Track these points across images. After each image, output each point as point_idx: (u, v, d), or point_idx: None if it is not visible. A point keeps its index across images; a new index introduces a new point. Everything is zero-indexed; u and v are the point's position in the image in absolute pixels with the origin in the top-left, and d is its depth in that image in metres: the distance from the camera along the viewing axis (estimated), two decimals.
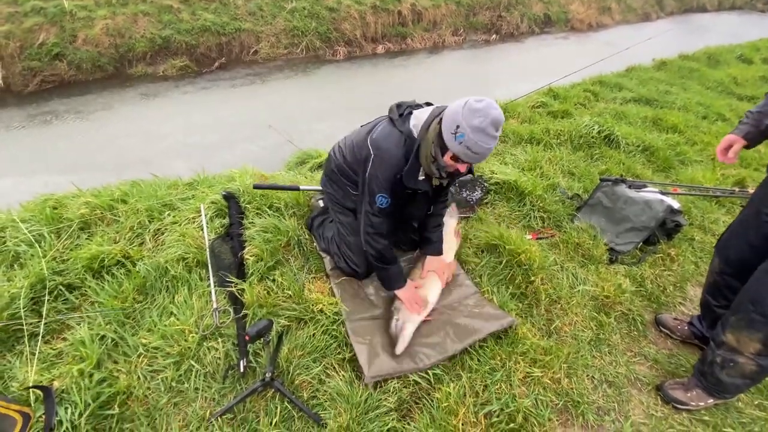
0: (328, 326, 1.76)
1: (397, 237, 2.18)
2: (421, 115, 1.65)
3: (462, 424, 1.46)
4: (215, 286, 1.87)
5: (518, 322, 1.85)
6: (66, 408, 1.39)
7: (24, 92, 6.04)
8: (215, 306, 1.78)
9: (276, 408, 1.49)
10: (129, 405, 1.48)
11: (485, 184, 2.74)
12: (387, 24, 9.15)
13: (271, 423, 1.45)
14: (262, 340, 1.53)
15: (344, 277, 1.99)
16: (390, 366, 1.62)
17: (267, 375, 1.48)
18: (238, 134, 5.08)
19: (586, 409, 1.62)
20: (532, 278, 2.05)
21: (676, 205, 2.43)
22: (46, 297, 1.75)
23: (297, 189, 2.31)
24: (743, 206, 1.87)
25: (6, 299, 1.71)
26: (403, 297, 1.84)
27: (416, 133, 1.63)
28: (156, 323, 1.72)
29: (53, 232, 2.08)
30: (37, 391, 1.42)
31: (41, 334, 1.63)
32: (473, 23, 10.62)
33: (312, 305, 1.82)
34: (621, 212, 2.49)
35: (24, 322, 1.64)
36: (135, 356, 1.60)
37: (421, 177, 1.71)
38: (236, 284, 1.87)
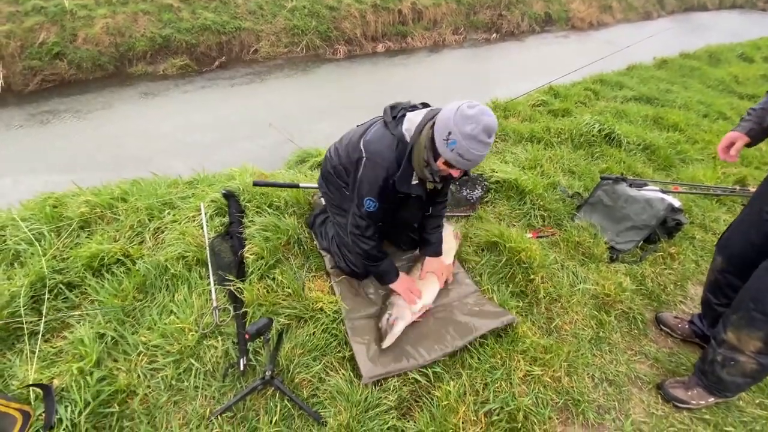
0: (328, 325, 1.76)
1: (397, 237, 2.18)
2: (415, 118, 1.62)
3: (462, 423, 1.46)
4: (215, 285, 1.87)
5: (518, 320, 1.84)
6: (66, 406, 1.39)
7: (24, 91, 6.04)
8: (215, 304, 1.79)
9: (276, 406, 1.49)
10: (129, 403, 1.48)
11: (485, 183, 2.74)
12: (387, 23, 9.14)
13: (271, 421, 1.45)
14: (262, 339, 1.53)
15: (344, 276, 1.99)
16: (389, 365, 1.61)
17: (267, 373, 1.48)
18: (238, 133, 5.07)
19: (587, 408, 1.62)
20: (533, 277, 2.05)
21: (677, 204, 2.42)
22: (46, 295, 1.75)
23: (296, 186, 2.32)
24: (744, 205, 1.87)
25: (6, 298, 1.71)
26: (399, 289, 1.84)
27: (408, 137, 1.60)
28: (156, 321, 1.72)
29: (53, 231, 2.08)
30: (37, 390, 1.42)
31: (41, 333, 1.63)
32: (474, 22, 10.60)
33: (312, 304, 1.82)
34: (622, 211, 2.48)
35: (24, 321, 1.64)
36: (135, 354, 1.60)
37: (415, 181, 1.68)
38: (236, 283, 1.87)
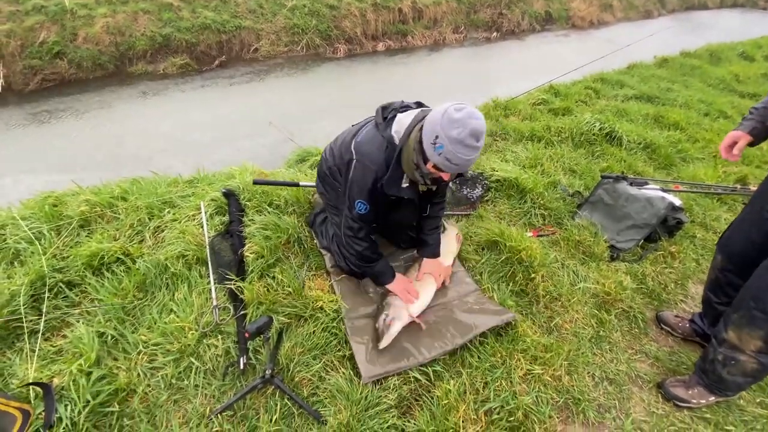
0: (328, 323, 1.76)
1: (395, 236, 2.17)
2: (404, 120, 1.58)
3: (462, 421, 1.46)
4: (215, 284, 1.87)
5: (519, 318, 1.84)
6: (66, 405, 1.39)
7: (25, 91, 6.04)
8: (215, 303, 1.78)
9: (276, 405, 1.49)
10: (129, 402, 1.48)
11: (486, 182, 2.74)
12: (387, 21, 9.13)
13: (271, 420, 1.45)
14: (262, 337, 1.52)
15: (344, 275, 1.98)
16: (388, 365, 1.61)
17: (267, 372, 1.48)
18: (238, 132, 5.07)
19: (587, 407, 1.61)
20: (533, 275, 2.05)
21: (678, 203, 2.42)
22: (46, 294, 1.75)
23: (296, 185, 2.31)
24: (745, 203, 1.86)
25: (6, 296, 1.71)
26: (395, 290, 1.83)
27: (398, 139, 1.57)
28: (156, 320, 1.72)
29: (53, 230, 2.08)
30: (37, 388, 1.42)
31: (41, 331, 1.63)
32: (474, 21, 10.59)
33: (312, 302, 1.81)
34: (622, 209, 2.48)
35: (24, 319, 1.64)
36: (135, 353, 1.60)
37: (405, 184, 1.65)
38: (236, 281, 1.87)
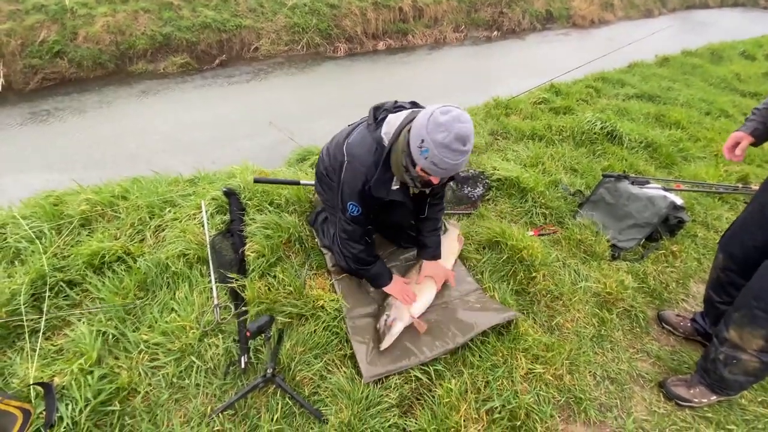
0: (329, 322, 1.76)
1: (395, 235, 2.17)
2: (394, 121, 1.55)
3: (464, 420, 1.46)
4: (216, 283, 1.86)
5: (520, 317, 1.84)
6: (67, 404, 1.39)
7: (25, 90, 6.03)
8: (216, 302, 1.78)
9: (277, 404, 1.48)
10: (130, 401, 1.48)
11: (487, 181, 2.74)
12: (388, 20, 9.12)
13: (273, 419, 1.45)
14: (263, 336, 1.52)
15: (345, 274, 1.98)
16: (389, 364, 1.61)
17: (268, 371, 1.48)
18: (239, 131, 5.06)
19: (589, 406, 1.61)
20: (534, 275, 2.04)
21: (679, 202, 2.42)
22: (47, 293, 1.75)
23: (297, 183, 2.31)
24: (747, 203, 1.86)
25: (7, 295, 1.71)
26: (393, 292, 1.83)
27: (387, 141, 1.54)
28: (157, 319, 1.71)
29: (54, 229, 2.08)
30: (38, 388, 1.41)
31: (42, 331, 1.63)
32: (474, 20, 10.57)
33: (313, 301, 1.81)
34: (624, 208, 2.48)
35: (24, 319, 1.64)
36: (136, 352, 1.60)
37: (395, 186, 1.61)
38: (237, 280, 1.86)
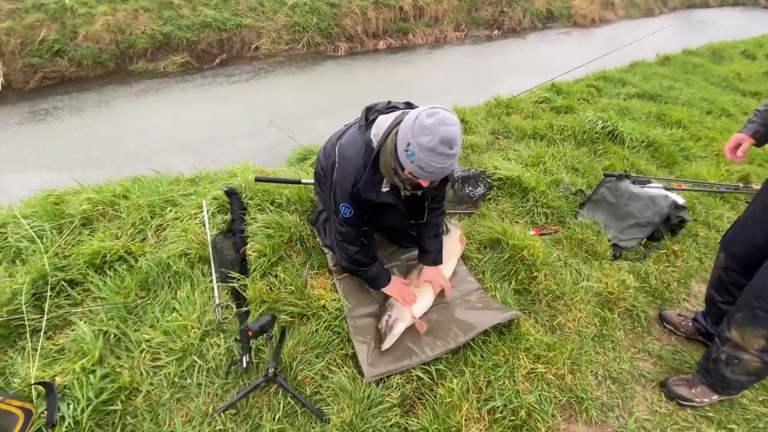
0: (331, 322, 1.76)
1: (395, 235, 2.16)
2: (384, 122, 1.52)
3: (465, 420, 1.46)
4: (217, 282, 1.86)
5: (522, 316, 1.84)
6: (68, 404, 1.39)
7: (25, 89, 6.03)
8: (218, 302, 1.78)
9: (279, 403, 1.48)
10: (132, 400, 1.48)
11: (488, 180, 2.73)
12: (388, 19, 9.10)
13: (274, 418, 1.45)
14: (265, 336, 1.52)
15: (346, 273, 1.98)
16: (391, 364, 1.61)
17: (270, 370, 1.48)
18: (239, 131, 5.06)
19: (590, 405, 1.61)
20: (536, 274, 2.04)
21: (681, 201, 2.41)
22: (48, 293, 1.75)
23: (298, 183, 2.31)
24: (748, 202, 1.86)
25: (8, 295, 1.71)
26: (392, 293, 1.82)
27: (375, 143, 1.51)
28: (158, 319, 1.71)
29: (55, 228, 2.08)
30: (39, 387, 1.41)
31: (43, 330, 1.63)
32: (475, 19, 10.56)
33: (314, 301, 1.81)
34: (625, 208, 2.47)
35: (26, 318, 1.64)
36: (137, 352, 1.60)
37: (385, 189, 1.59)
38: (238, 280, 1.86)
